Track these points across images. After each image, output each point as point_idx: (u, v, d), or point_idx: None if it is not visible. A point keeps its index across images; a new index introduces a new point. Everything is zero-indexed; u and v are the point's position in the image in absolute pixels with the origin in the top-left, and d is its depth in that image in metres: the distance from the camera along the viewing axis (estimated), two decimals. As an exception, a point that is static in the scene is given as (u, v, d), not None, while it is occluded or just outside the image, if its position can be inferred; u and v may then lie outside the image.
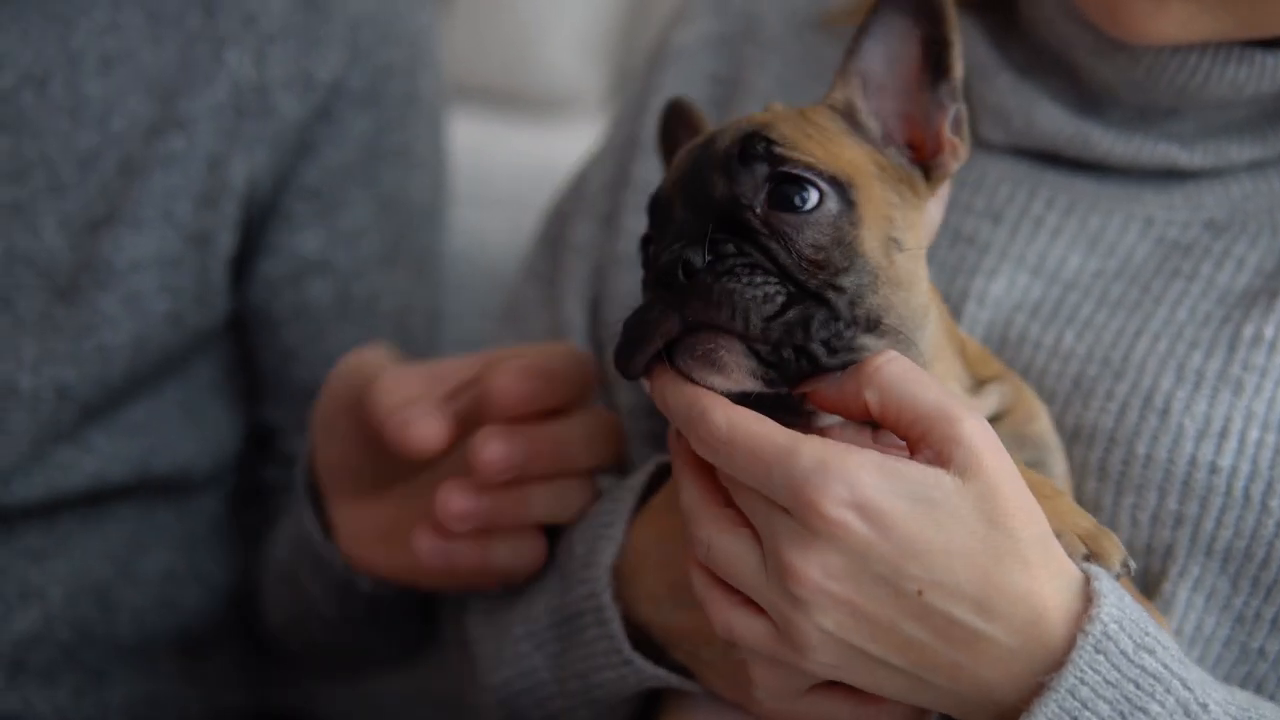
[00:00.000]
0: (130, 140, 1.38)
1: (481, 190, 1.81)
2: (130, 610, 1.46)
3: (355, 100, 1.46)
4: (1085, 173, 1.21)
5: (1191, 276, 1.15)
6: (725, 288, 0.90)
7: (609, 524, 1.09)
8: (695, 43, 1.38)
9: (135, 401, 1.44)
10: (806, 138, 0.97)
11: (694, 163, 0.98)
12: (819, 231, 0.93)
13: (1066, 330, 1.15)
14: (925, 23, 0.99)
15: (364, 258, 1.49)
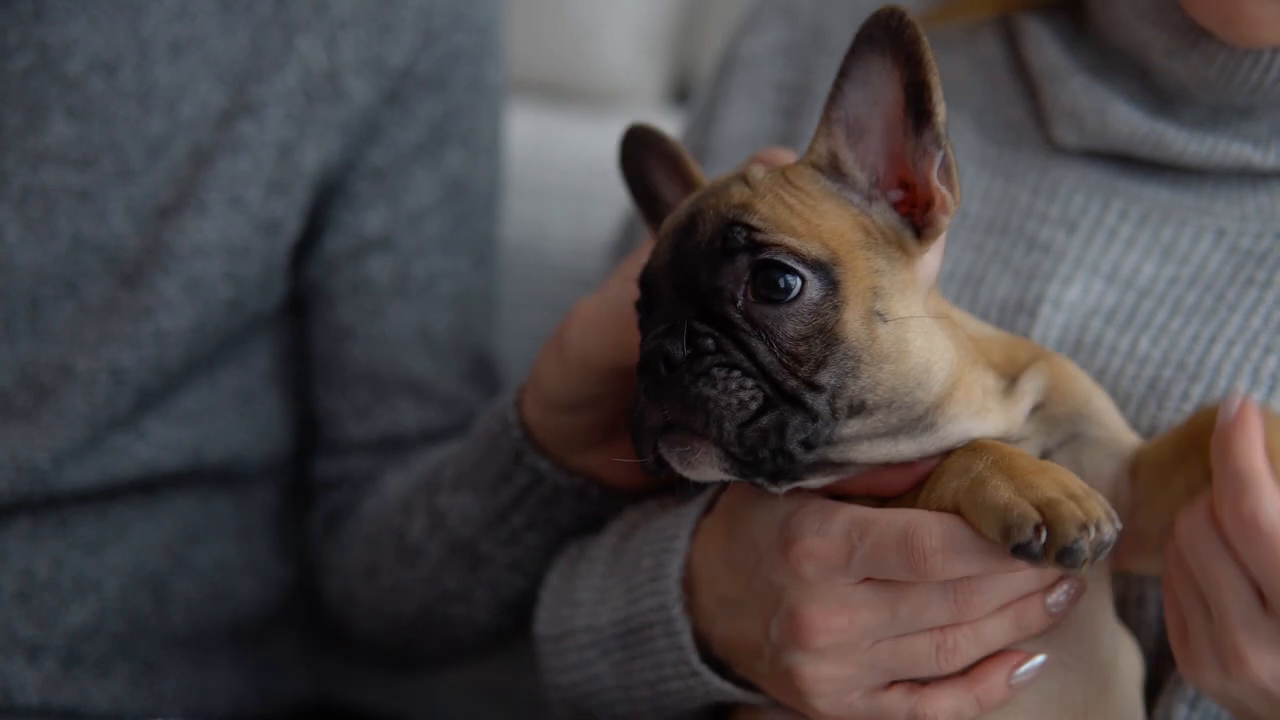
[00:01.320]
0: (200, 127, 1.37)
1: (541, 182, 1.80)
2: (184, 601, 1.46)
3: (424, 84, 1.45)
4: (1158, 179, 1.20)
5: (1266, 285, 1.15)
6: (700, 393, 0.91)
7: (674, 536, 1.09)
8: (764, 51, 1.38)
9: (191, 388, 1.43)
10: (789, 213, 0.95)
11: (677, 248, 0.97)
12: (800, 322, 0.93)
13: (1141, 336, 1.15)
14: (903, 65, 0.96)
15: (425, 238, 1.47)
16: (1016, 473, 0.91)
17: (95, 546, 1.41)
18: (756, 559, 1.01)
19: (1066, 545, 0.86)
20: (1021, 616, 0.97)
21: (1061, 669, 1.00)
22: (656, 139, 1.10)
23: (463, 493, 1.28)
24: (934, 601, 0.96)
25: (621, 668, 1.12)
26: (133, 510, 1.43)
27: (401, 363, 1.47)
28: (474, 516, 1.27)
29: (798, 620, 0.98)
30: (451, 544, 1.29)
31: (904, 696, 0.99)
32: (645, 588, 1.09)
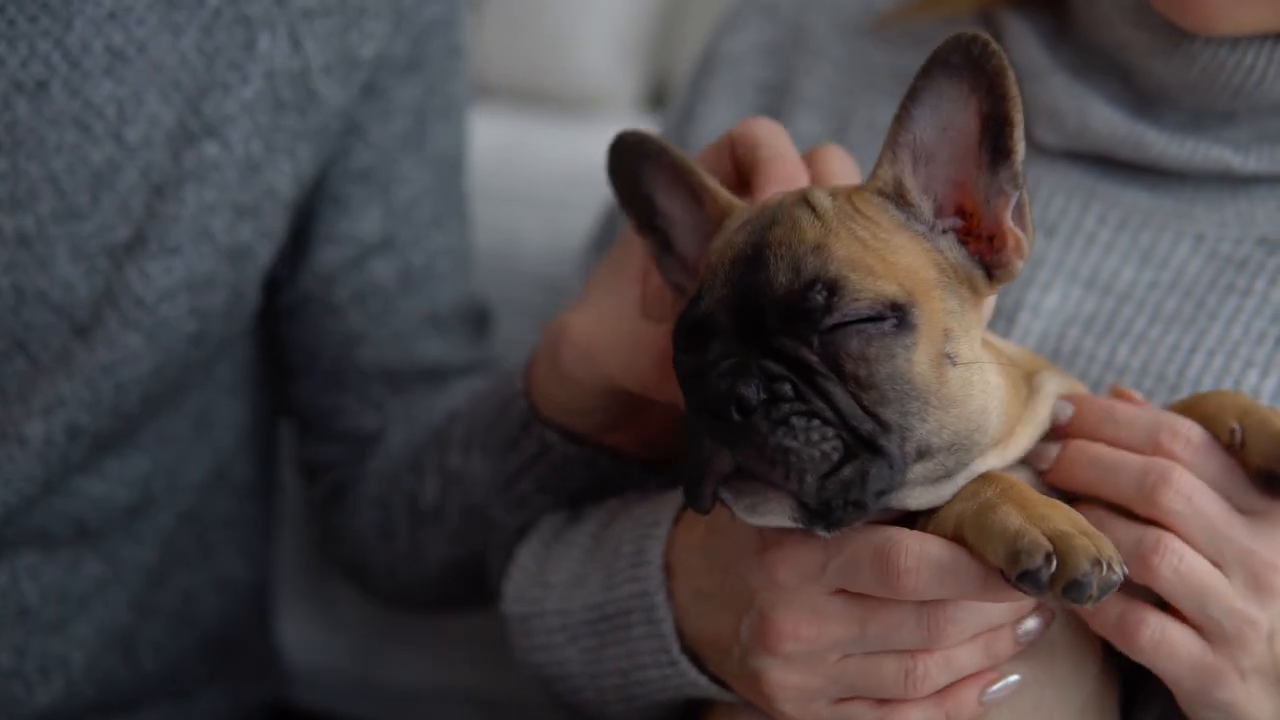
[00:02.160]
0: (151, 150, 1.20)
1: (515, 189, 1.79)
2: (152, 644, 1.39)
3: (401, 69, 1.33)
4: (1138, 182, 1.20)
5: (1246, 293, 1.14)
6: (781, 444, 0.87)
7: (656, 522, 1.08)
8: (745, 51, 1.36)
9: (155, 419, 1.33)
10: (863, 249, 0.91)
11: (741, 285, 0.92)
12: (876, 365, 0.89)
13: (1121, 344, 1.14)
14: (983, 96, 0.91)
15: (420, 224, 1.39)
16: (1027, 504, 0.90)
17: (58, 625, 1.32)
18: (734, 555, 1.00)
19: (1076, 578, 0.84)
20: (992, 646, 0.97)
21: (1037, 686, 0.99)
22: (656, 148, 1.04)
23: (474, 452, 1.24)
24: (906, 624, 0.95)
25: (591, 655, 1.11)
26: (93, 583, 1.34)
27: (416, 353, 1.41)
28: (484, 479, 1.22)
29: (767, 624, 0.97)
30: (464, 505, 1.26)
31: (872, 708, 0.98)
32: (625, 573, 1.08)
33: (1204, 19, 1.09)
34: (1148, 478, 0.94)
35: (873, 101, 1.29)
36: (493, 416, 1.22)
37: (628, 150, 1.05)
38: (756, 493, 0.89)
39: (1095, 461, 0.96)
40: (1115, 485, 0.95)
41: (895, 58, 1.30)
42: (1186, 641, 0.94)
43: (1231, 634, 0.94)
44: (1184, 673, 0.95)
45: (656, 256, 1.06)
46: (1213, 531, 0.94)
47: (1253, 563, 0.94)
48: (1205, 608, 0.93)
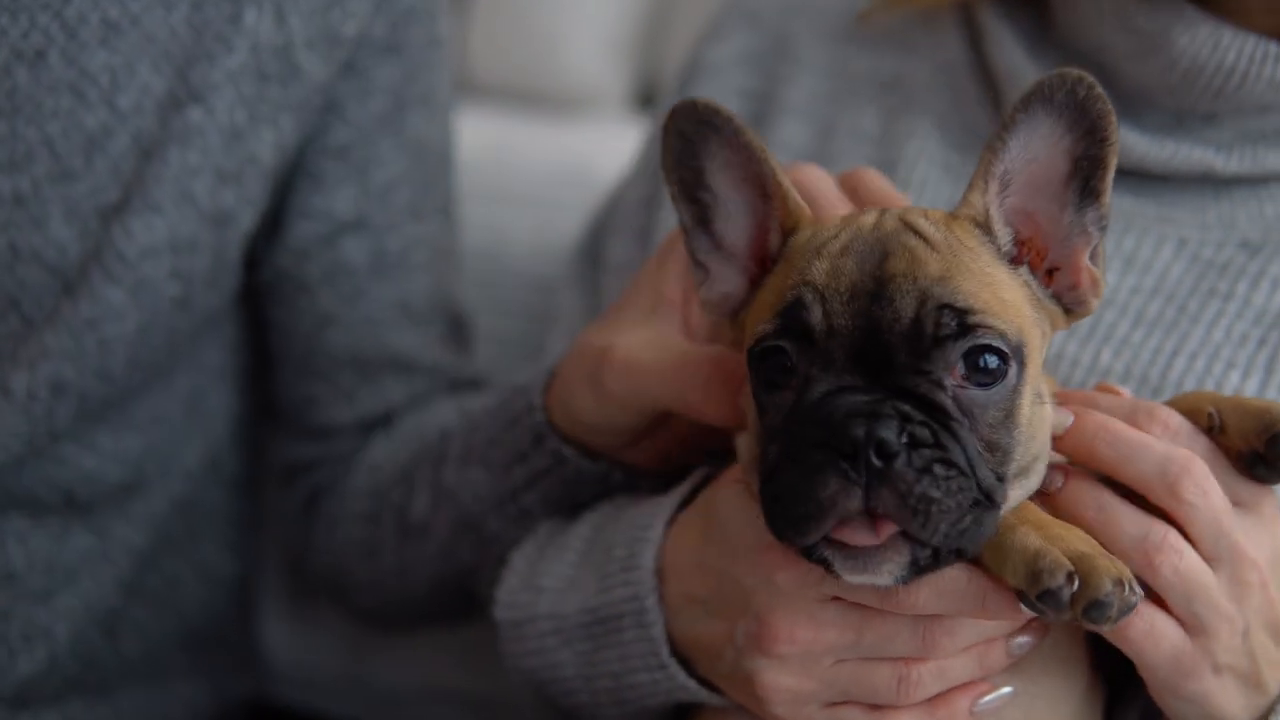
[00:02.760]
0: (142, 117, 1.25)
1: (504, 188, 1.79)
2: (136, 627, 1.41)
3: (380, 50, 1.36)
4: (1121, 186, 1.19)
5: (1228, 296, 1.14)
6: (926, 494, 0.86)
7: (649, 526, 1.08)
8: (728, 58, 1.36)
9: (147, 395, 1.36)
10: (981, 286, 0.91)
11: (866, 317, 0.90)
12: (997, 409, 0.90)
13: (1104, 348, 1.14)
14: (1080, 135, 0.92)
15: (396, 210, 1.40)
16: (1044, 525, 0.91)
17: (45, 595, 1.34)
18: (730, 560, 1.00)
19: (1099, 598, 0.85)
20: (985, 657, 0.97)
21: (1027, 698, 1.00)
22: (730, 124, 0.98)
23: (471, 467, 1.24)
24: (902, 633, 0.95)
25: (585, 658, 1.11)
26: (81, 556, 1.36)
27: (385, 341, 1.42)
28: (483, 493, 1.23)
29: (764, 626, 0.97)
30: (458, 520, 1.26)
31: (865, 713, 0.99)
32: (618, 577, 1.08)
33: None
34: (1171, 466, 0.94)
35: (856, 108, 1.29)
36: (497, 431, 1.22)
37: (696, 115, 0.99)
38: (879, 555, 0.88)
39: (1119, 441, 0.95)
40: (1136, 469, 0.95)
41: (878, 63, 1.31)
42: (1171, 633, 0.94)
43: (1210, 628, 0.94)
44: (1163, 663, 0.95)
45: (688, 229, 1.03)
46: (1217, 527, 0.94)
47: (1237, 558, 0.95)
48: (1193, 604, 0.94)
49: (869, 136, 1.27)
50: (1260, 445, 0.95)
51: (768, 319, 0.93)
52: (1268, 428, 0.95)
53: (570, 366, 1.14)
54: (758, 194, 1.01)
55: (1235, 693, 0.97)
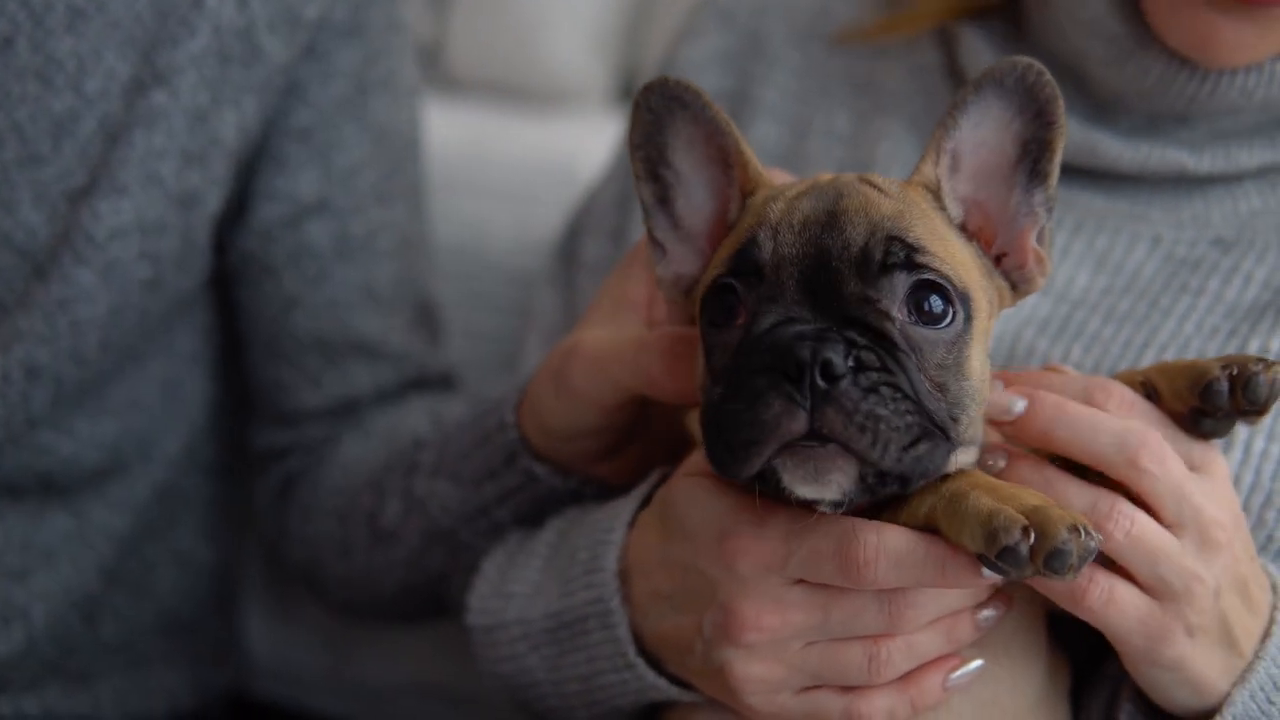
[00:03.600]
0: (108, 101, 1.27)
1: (483, 183, 1.80)
2: (113, 612, 1.42)
3: (341, 33, 1.38)
4: (1094, 186, 1.21)
5: (1199, 292, 1.15)
6: (872, 411, 0.87)
7: (610, 529, 1.09)
8: (702, 58, 1.37)
9: (121, 380, 1.38)
10: (932, 235, 0.93)
11: (816, 245, 0.91)
12: (945, 351, 0.91)
13: (1074, 344, 1.15)
14: (1029, 120, 0.95)
15: (360, 194, 1.41)
16: (995, 488, 0.92)
17: (21, 575, 1.36)
18: (692, 553, 1.01)
19: (1056, 546, 0.85)
20: (953, 630, 0.98)
21: (993, 679, 1.01)
22: (699, 101, 1.00)
23: (442, 481, 1.25)
24: (867, 610, 0.96)
25: (553, 662, 1.11)
26: (59, 538, 1.38)
27: (350, 325, 1.43)
28: (453, 507, 1.24)
29: (730, 615, 0.98)
30: (428, 530, 1.27)
31: (838, 696, 0.99)
32: (581, 580, 1.08)
33: (1224, 58, 1.11)
34: (1129, 439, 0.95)
35: (829, 109, 1.30)
36: (468, 446, 1.23)
37: (666, 92, 1.01)
38: (826, 460, 0.89)
39: (1075, 422, 0.96)
40: (1094, 447, 0.96)
41: (852, 64, 1.32)
42: (1134, 600, 0.95)
43: (1180, 592, 0.95)
44: (1133, 630, 0.95)
45: (648, 208, 1.04)
46: (1179, 493, 0.95)
47: (1202, 520, 0.95)
48: (1156, 568, 0.94)
49: (842, 137, 1.28)
50: (1196, 399, 0.96)
51: (721, 264, 0.95)
52: (1198, 380, 0.96)
53: (539, 377, 1.15)
54: (720, 170, 1.02)
55: (1212, 656, 0.97)
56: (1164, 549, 0.94)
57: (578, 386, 1.10)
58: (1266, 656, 0.99)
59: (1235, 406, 0.96)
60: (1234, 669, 0.99)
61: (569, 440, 1.15)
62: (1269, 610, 1.00)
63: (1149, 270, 1.18)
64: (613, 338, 1.09)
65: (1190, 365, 0.98)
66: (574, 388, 1.10)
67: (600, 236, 1.36)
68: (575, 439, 1.14)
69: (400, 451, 1.32)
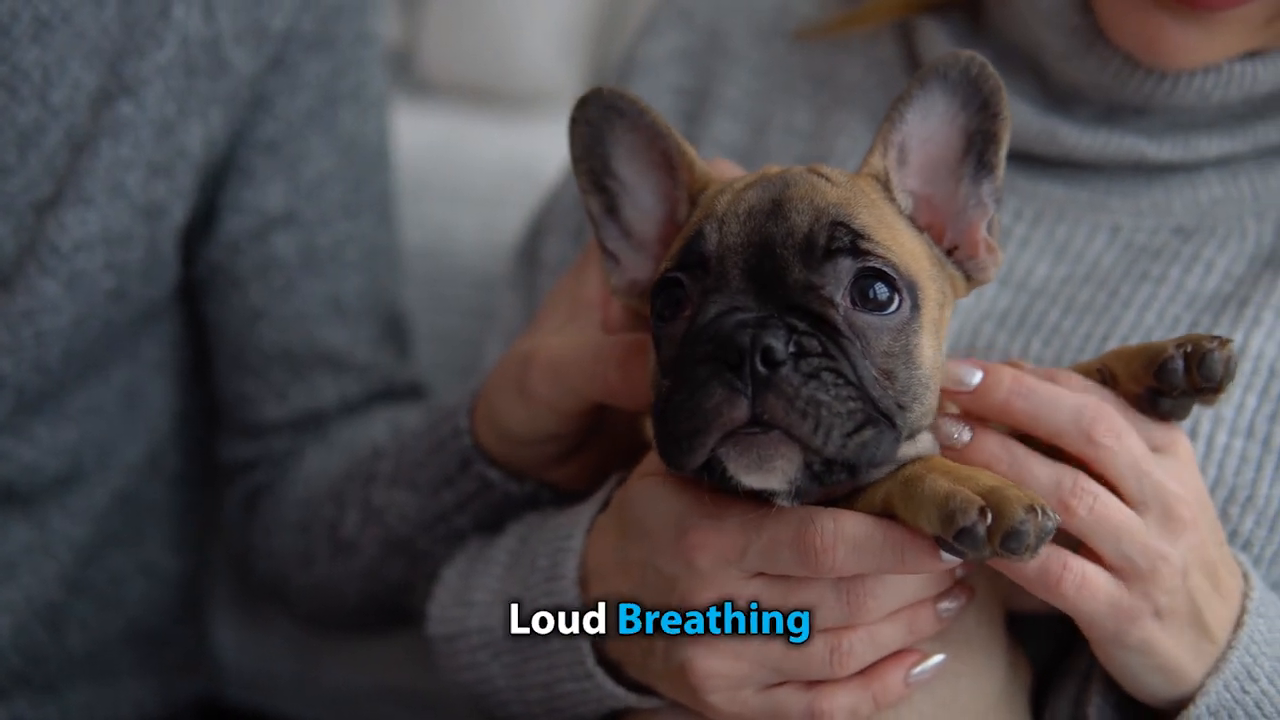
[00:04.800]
0: (74, 112, 1.27)
1: (453, 186, 1.79)
2: (80, 623, 1.42)
3: (308, 45, 1.37)
4: (1053, 175, 1.21)
5: (1160, 280, 1.15)
6: (813, 396, 0.87)
7: (569, 535, 1.08)
8: (662, 56, 1.36)
9: (82, 388, 1.38)
10: (879, 223, 0.93)
11: (761, 233, 0.92)
12: (892, 338, 0.91)
13: (1034, 338, 1.15)
14: (974, 112, 0.95)
15: (328, 206, 1.41)
16: (952, 470, 0.91)
17: None
18: (650, 552, 1.00)
19: (1013, 526, 0.85)
20: (914, 621, 0.97)
21: (953, 676, 1.00)
22: (635, 108, 1.01)
23: (399, 490, 1.25)
24: (826, 600, 0.95)
25: (515, 670, 1.11)
26: (21, 548, 1.37)
27: (316, 337, 1.43)
28: (410, 515, 1.24)
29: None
30: (387, 540, 1.27)
31: (800, 692, 0.98)
32: (540, 588, 1.08)
33: (1171, 60, 1.11)
34: (1084, 413, 0.95)
35: (789, 105, 1.30)
36: (424, 454, 1.23)
37: (602, 103, 1.02)
38: (770, 446, 0.88)
39: (1031, 393, 0.96)
40: (1050, 420, 0.95)
41: (811, 61, 1.32)
42: (1104, 583, 0.95)
43: (1146, 571, 0.94)
44: (1103, 613, 0.95)
45: (597, 219, 1.05)
46: (1137, 469, 0.95)
47: (1165, 498, 0.95)
48: (1120, 546, 0.94)
49: (801, 133, 1.28)
50: (1153, 380, 0.96)
51: (669, 259, 0.96)
52: (1153, 360, 0.96)
53: (495, 381, 1.15)
54: (665, 174, 1.02)
55: (1182, 639, 0.97)
56: (1128, 527, 0.94)
57: (537, 394, 1.09)
58: (1240, 645, 0.98)
59: (1191, 385, 0.96)
60: (1206, 655, 0.98)
61: (527, 445, 1.14)
62: (1240, 598, 1.00)
63: (1109, 259, 1.17)
64: (570, 344, 1.09)
65: (1145, 347, 0.98)
66: (534, 395, 1.10)
67: (561, 237, 1.36)
68: (534, 444, 1.14)
69: (360, 461, 1.32)
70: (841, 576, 0.94)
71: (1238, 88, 1.15)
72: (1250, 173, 1.19)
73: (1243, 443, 1.09)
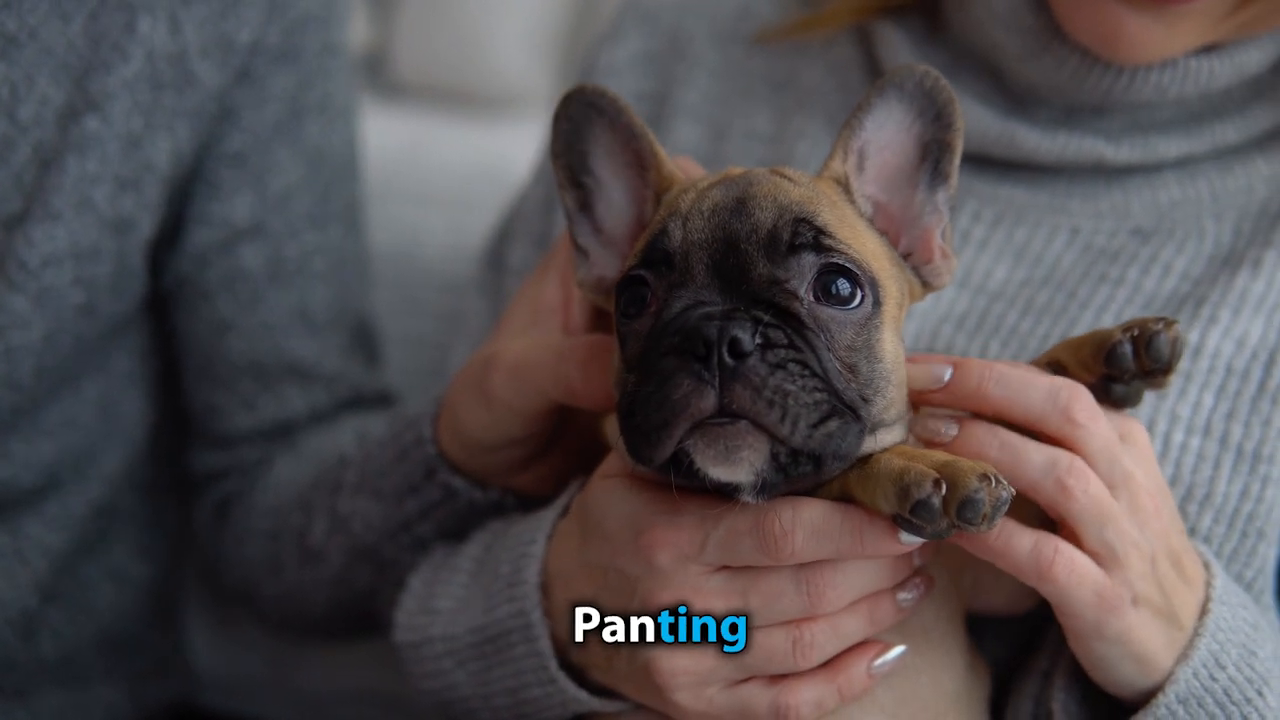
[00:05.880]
0: (41, 128, 1.27)
1: (422, 189, 1.79)
2: (51, 630, 1.42)
3: (275, 57, 1.37)
4: (1013, 178, 1.22)
5: (1118, 282, 1.16)
6: (780, 386, 0.87)
7: (531, 541, 1.09)
8: (624, 61, 1.37)
9: (55, 401, 1.38)
10: (840, 222, 0.94)
11: (725, 229, 0.93)
12: (855, 333, 0.92)
13: (992, 339, 1.16)
14: (929, 122, 0.97)
15: (295, 217, 1.41)
16: (908, 452, 0.92)
17: None
18: (611, 553, 1.01)
19: (968, 495, 0.86)
20: (875, 611, 0.98)
21: (913, 671, 1.01)
22: (614, 106, 1.02)
23: (364, 498, 1.25)
24: (786, 592, 0.96)
25: (480, 677, 1.11)
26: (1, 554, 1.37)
27: (284, 348, 1.43)
28: (375, 524, 1.24)
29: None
30: (353, 548, 1.27)
31: (765, 688, 0.99)
32: (503, 594, 1.08)
33: (1130, 54, 1.12)
34: (1061, 394, 0.95)
35: (750, 109, 1.31)
36: (388, 463, 1.23)
37: (584, 100, 1.03)
38: (738, 437, 0.88)
39: (1004, 378, 0.97)
40: (1027, 403, 0.96)
41: (772, 65, 1.32)
42: (1091, 569, 0.95)
43: (1121, 557, 0.95)
44: (1088, 602, 0.95)
45: (571, 215, 1.06)
46: (1110, 451, 0.96)
47: (1132, 485, 0.96)
48: (1104, 532, 0.94)
49: (762, 137, 1.29)
50: (1103, 366, 0.97)
51: (634, 256, 0.96)
52: (1101, 346, 0.97)
53: (457, 387, 1.15)
54: (637, 174, 1.03)
55: (1155, 627, 0.98)
56: (1114, 512, 0.95)
57: (500, 397, 1.10)
58: (1206, 632, 0.99)
59: (1141, 367, 0.97)
60: (1175, 642, 0.99)
61: (490, 451, 1.15)
62: (1204, 586, 1.01)
63: (1068, 261, 1.18)
64: (532, 346, 1.10)
65: (1092, 335, 0.99)
66: (496, 398, 1.10)
67: (526, 241, 1.36)
68: (497, 449, 1.14)
69: (327, 470, 1.33)
70: (802, 563, 0.95)
71: (1194, 83, 1.16)
72: (1208, 174, 1.20)
73: (1200, 441, 1.10)
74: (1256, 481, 1.10)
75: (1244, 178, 1.19)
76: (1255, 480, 1.10)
